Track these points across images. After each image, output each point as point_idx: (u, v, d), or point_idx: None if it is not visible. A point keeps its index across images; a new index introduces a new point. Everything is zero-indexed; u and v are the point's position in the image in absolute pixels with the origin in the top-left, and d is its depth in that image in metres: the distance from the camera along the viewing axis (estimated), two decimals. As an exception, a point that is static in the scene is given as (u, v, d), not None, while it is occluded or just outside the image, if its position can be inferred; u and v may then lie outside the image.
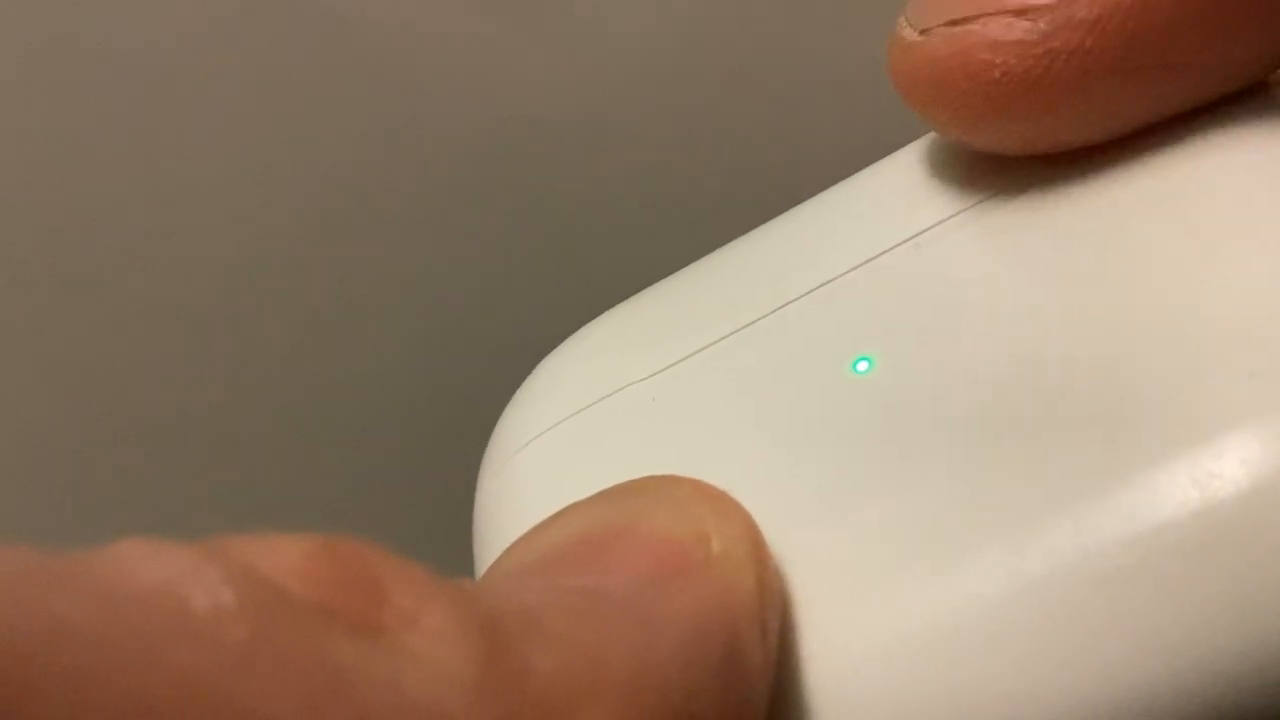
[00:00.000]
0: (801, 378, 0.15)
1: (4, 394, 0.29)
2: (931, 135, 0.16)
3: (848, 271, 0.15)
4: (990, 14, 0.14)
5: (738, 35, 0.27)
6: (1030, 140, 0.14)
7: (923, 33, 0.14)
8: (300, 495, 0.31)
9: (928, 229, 0.15)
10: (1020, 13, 0.13)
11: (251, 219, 0.28)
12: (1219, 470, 0.12)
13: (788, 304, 0.15)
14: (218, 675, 0.08)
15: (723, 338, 0.16)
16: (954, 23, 0.14)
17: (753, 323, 0.15)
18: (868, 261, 0.15)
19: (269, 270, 0.28)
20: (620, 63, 0.27)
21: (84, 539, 0.09)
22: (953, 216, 0.15)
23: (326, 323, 0.29)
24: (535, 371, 0.17)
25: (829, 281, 0.15)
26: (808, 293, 0.15)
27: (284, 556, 0.10)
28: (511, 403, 0.17)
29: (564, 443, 0.16)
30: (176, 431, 0.30)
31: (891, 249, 0.15)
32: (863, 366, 0.14)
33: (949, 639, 0.12)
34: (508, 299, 0.29)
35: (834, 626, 0.13)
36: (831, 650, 0.13)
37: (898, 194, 0.16)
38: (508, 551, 0.13)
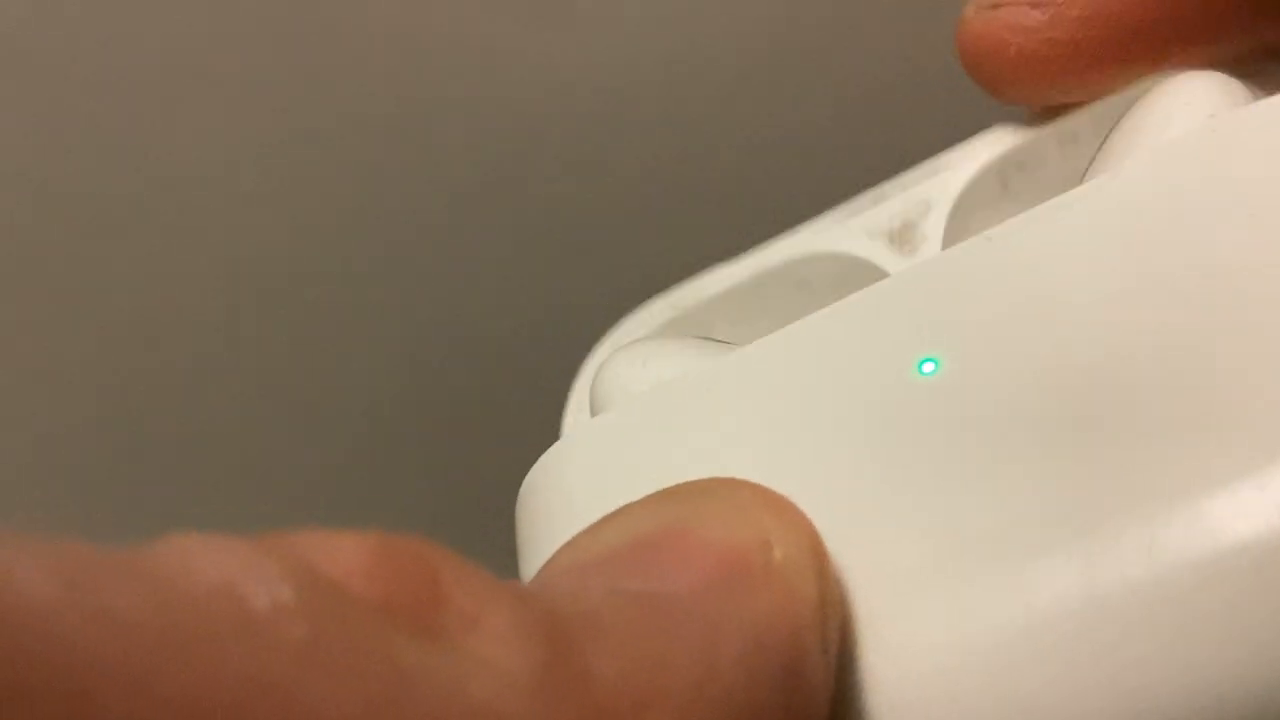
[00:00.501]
0: (864, 378, 0.14)
1: (14, 398, 0.29)
2: None
3: (917, 262, 0.15)
4: (1015, 2, 0.16)
5: (757, 32, 0.27)
6: (1044, 99, 0.17)
7: (976, 10, 0.17)
8: (321, 497, 0.31)
9: (1001, 221, 0.15)
10: (1034, 5, 0.16)
11: (263, 219, 0.28)
12: None
13: (850, 297, 0.15)
14: (278, 674, 0.08)
15: (782, 327, 0.15)
16: (994, 5, 0.16)
17: (815, 313, 0.15)
18: (938, 252, 0.15)
19: (283, 272, 0.28)
20: (634, 61, 0.27)
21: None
22: (1026, 211, 0.14)
23: (343, 324, 0.29)
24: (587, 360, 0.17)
25: (896, 273, 0.15)
26: (872, 284, 0.15)
27: (343, 554, 0.10)
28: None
29: (612, 433, 0.15)
30: (186, 435, 0.30)
31: (963, 240, 0.15)
32: (928, 368, 0.14)
33: (1013, 651, 0.12)
34: (533, 298, 0.29)
35: (895, 636, 0.13)
36: (892, 660, 0.13)
37: None
38: (563, 549, 0.13)
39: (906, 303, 0.14)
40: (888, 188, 0.17)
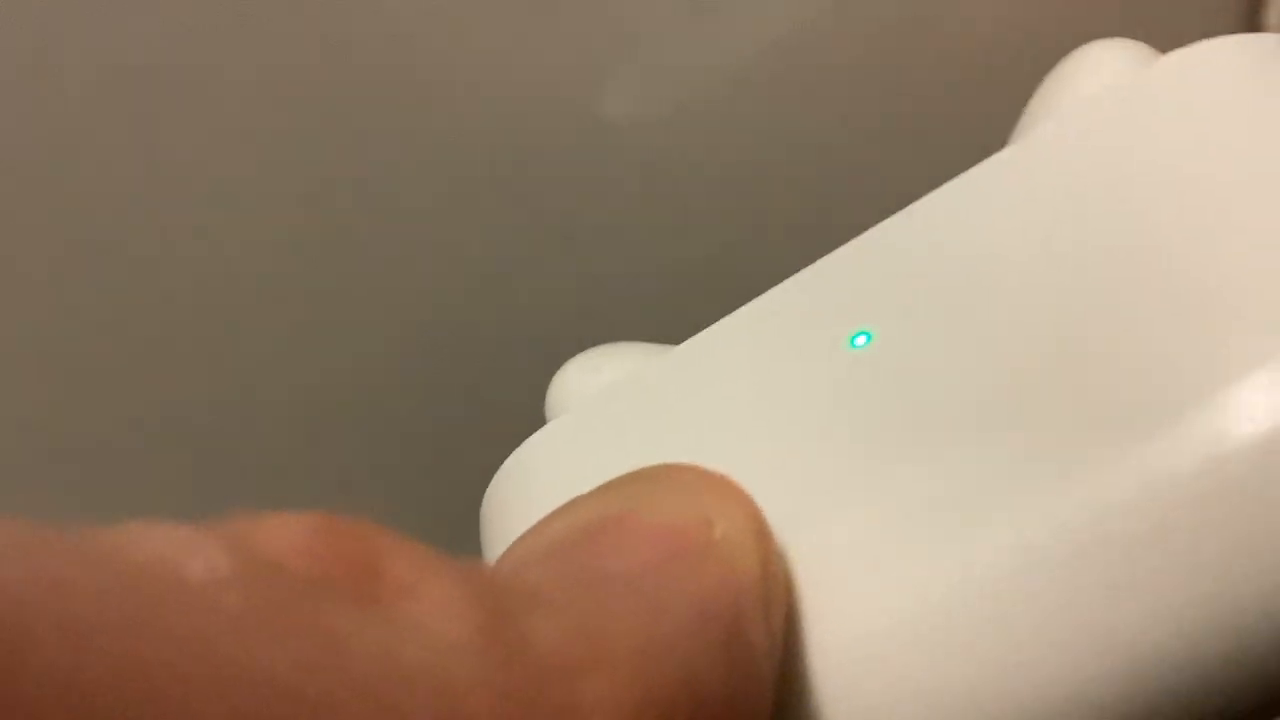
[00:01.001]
0: (800, 356, 0.15)
1: (13, 399, 0.29)
2: None
3: (845, 244, 0.15)
4: None
5: (744, 35, 0.27)
6: None
7: None
8: (316, 497, 0.31)
9: (921, 195, 0.15)
10: None
11: (262, 220, 0.28)
12: (1228, 429, 0.12)
13: (782, 280, 0.15)
14: (213, 637, 0.09)
15: (718, 318, 0.16)
16: None
17: (748, 301, 0.15)
18: (861, 231, 0.15)
19: (274, 270, 0.29)
20: (624, 68, 0.27)
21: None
22: (946, 183, 0.15)
23: (328, 324, 0.30)
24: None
25: (824, 256, 0.15)
26: (802, 267, 0.15)
27: (283, 532, 0.10)
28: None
29: (567, 432, 0.16)
30: (178, 434, 0.30)
31: (885, 217, 0.15)
32: (861, 341, 0.14)
33: (957, 616, 0.12)
34: (513, 301, 0.29)
35: (839, 608, 0.13)
36: (837, 631, 0.13)
37: None
38: (515, 543, 0.13)
39: (836, 281, 0.15)
40: None
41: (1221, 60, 0.14)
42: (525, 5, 0.26)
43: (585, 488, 0.14)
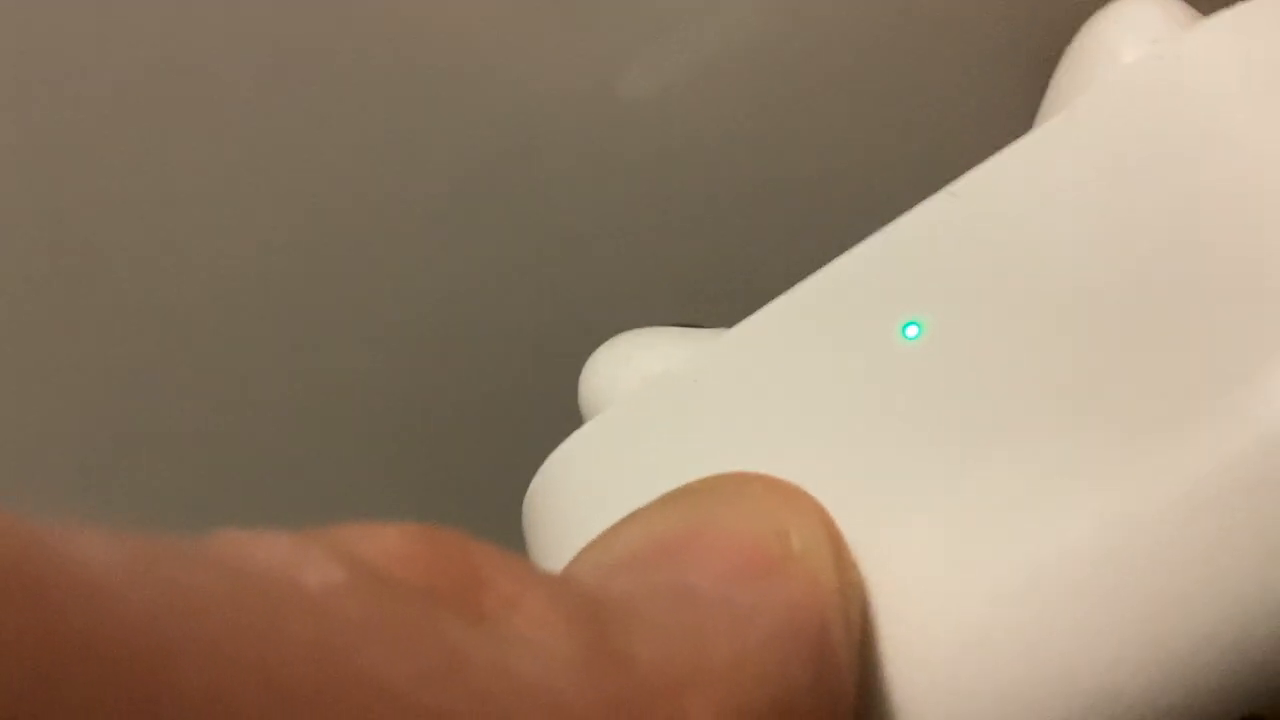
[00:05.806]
0: (849, 349, 0.14)
1: (14, 399, 0.29)
2: None
3: (883, 226, 0.15)
4: None
5: (759, 37, 0.27)
6: None
7: None
8: (322, 499, 0.30)
9: (962, 174, 0.14)
10: None
11: (262, 219, 0.28)
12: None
13: (823, 268, 0.15)
14: (337, 645, 0.08)
15: (760, 308, 0.15)
16: None
17: (790, 290, 0.15)
18: (904, 214, 0.15)
19: (276, 275, 0.28)
20: (631, 66, 0.27)
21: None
22: (986, 160, 0.14)
23: (337, 324, 0.29)
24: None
25: (865, 239, 0.15)
26: (843, 254, 0.15)
27: (384, 542, 0.10)
28: None
29: (609, 432, 0.15)
30: (189, 436, 0.30)
31: (928, 199, 0.15)
32: (912, 331, 0.14)
33: (1030, 615, 0.12)
34: (538, 300, 0.29)
35: (911, 611, 0.13)
36: (911, 635, 0.13)
37: None
38: (583, 552, 0.13)
39: (881, 268, 0.14)
40: None
41: (1272, 21, 0.14)
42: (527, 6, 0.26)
43: (638, 490, 0.13)
